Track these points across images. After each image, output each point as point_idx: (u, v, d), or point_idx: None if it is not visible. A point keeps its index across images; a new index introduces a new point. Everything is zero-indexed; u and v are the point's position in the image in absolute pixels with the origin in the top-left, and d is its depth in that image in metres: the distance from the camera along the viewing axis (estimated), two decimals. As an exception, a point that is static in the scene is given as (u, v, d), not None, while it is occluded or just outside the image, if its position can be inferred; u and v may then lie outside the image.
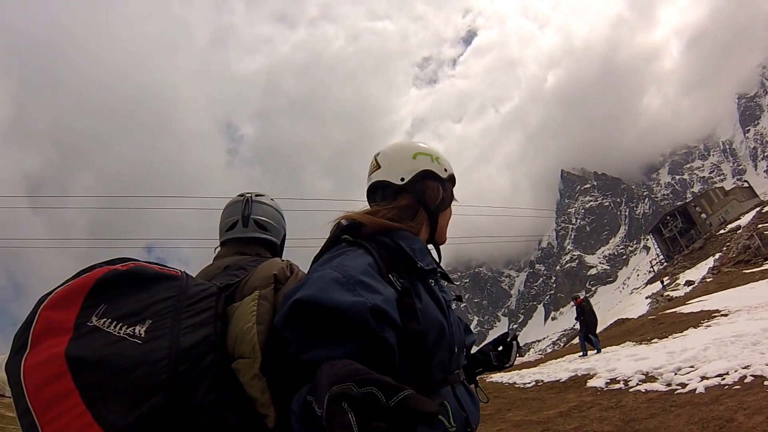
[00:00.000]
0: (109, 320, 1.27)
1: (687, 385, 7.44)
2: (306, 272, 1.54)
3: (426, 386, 1.38)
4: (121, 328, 1.26)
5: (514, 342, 1.91)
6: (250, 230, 2.15)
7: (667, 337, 14.01)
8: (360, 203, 1.88)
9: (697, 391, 6.97)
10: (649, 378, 8.70)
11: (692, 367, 8.36)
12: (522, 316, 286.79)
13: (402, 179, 1.74)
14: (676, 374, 8.24)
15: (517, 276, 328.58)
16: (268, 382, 1.42)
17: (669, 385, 7.82)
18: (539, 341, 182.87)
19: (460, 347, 1.60)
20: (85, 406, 1.15)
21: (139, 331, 1.28)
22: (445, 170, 1.83)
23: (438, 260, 1.77)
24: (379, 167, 1.79)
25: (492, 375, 15.99)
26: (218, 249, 2.17)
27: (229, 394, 1.39)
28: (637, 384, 8.55)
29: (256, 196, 2.25)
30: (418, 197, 1.75)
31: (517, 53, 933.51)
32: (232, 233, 2.15)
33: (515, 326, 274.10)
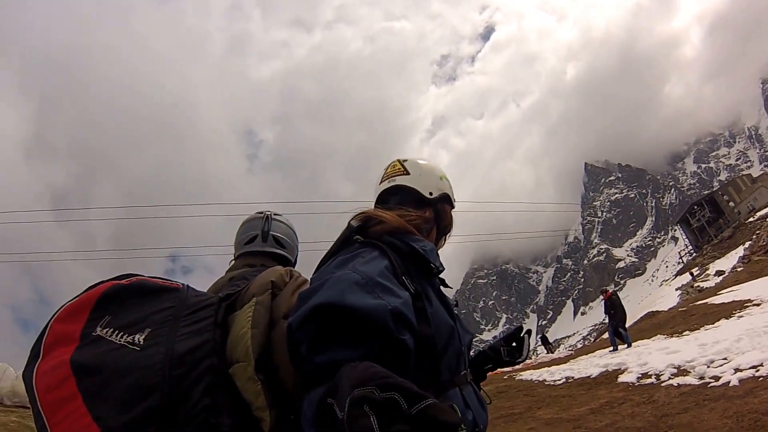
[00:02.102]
0: (112, 330, 1.38)
1: (720, 378, 7.30)
2: (313, 274, 1.58)
3: (435, 389, 1.40)
4: (122, 337, 1.37)
5: (526, 336, 1.91)
6: (268, 245, 2.23)
7: (698, 329, 13.81)
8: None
9: (730, 384, 6.83)
10: (681, 371, 8.55)
11: (725, 359, 8.20)
12: (551, 312, 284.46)
13: (430, 194, 1.81)
14: (708, 367, 8.09)
15: (545, 272, 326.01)
16: (265, 386, 1.48)
17: (702, 378, 7.69)
18: (569, 337, 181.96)
19: (467, 347, 1.63)
20: (86, 407, 1.25)
21: (139, 339, 1.38)
22: (454, 200, 1.93)
23: None
24: (408, 173, 1.83)
25: (521, 373, 15.90)
26: (232, 262, 2.24)
27: (226, 398, 1.44)
28: (670, 378, 8.41)
29: (275, 214, 2.34)
30: (437, 216, 1.83)
31: (535, 47, 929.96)
32: (250, 246, 2.22)
33: (544, 323, 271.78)
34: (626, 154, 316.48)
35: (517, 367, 21.62)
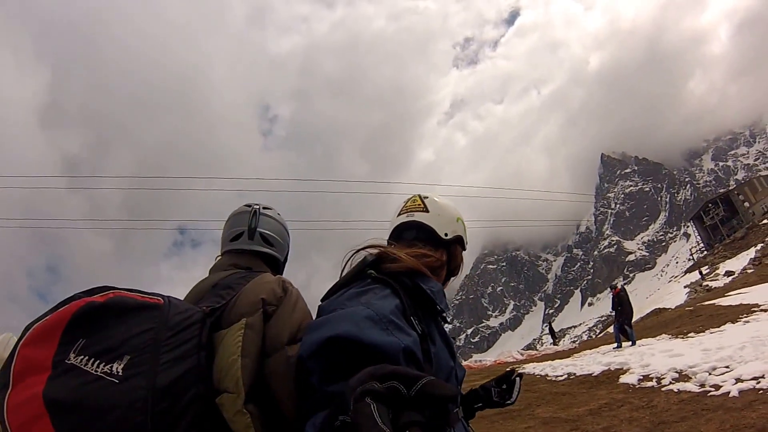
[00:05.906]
0: (87, 357, 1.24)
1: (721, 387, 7.30)
2: (321, 300, 1.55)
3: None
4: (98, 366, 1.24)
5: (517, 379, 1.94)
6: (255, 243, 2.06)
7: (703, 331, 13.80)
8: (397, 186, 1.69)
9: (730, 395, 6.83)
10: (682, 377, 8.58)
11: (727, 367, 8.18)
12: (558, 301, 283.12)
13: (446, 234, 1.82)
14: (710, 374, 8.09)
15: (555, 260, 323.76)
16: (256, 418, 1.44)
17: (702, 386, 7.70)
18: (575, 327, 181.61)
19: (460, 384, 1.63)
20: None
21: (117, 368, 1.25)
22: (467, 243, 1.94)
23: None
24: (427, 211, 1.84)
25: (525, 366, 15.98)
26: (218, 258, 2.08)
27: (213, 429, 1.40)
28: (670, 383, 8.45)
29: (264, 208, 2.16)
30: (449, 258, 1.84)
31: (560, 34, 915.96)
32: (236, 244, 2.06)
33: (551, 311, 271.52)
34: (644, 147, 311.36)
35: (521, 358, 21.84)
